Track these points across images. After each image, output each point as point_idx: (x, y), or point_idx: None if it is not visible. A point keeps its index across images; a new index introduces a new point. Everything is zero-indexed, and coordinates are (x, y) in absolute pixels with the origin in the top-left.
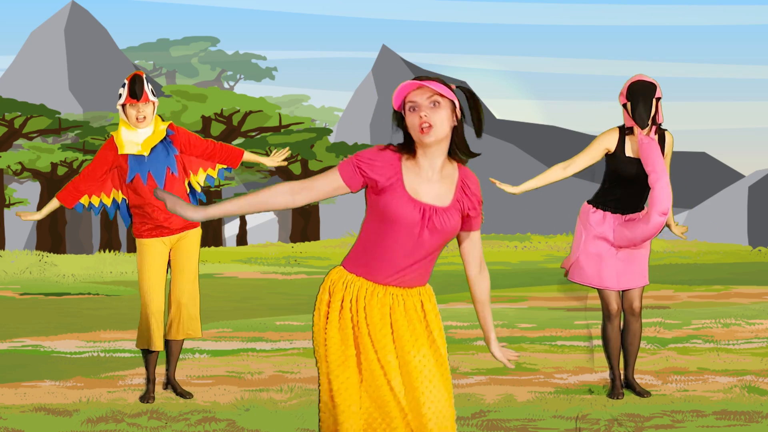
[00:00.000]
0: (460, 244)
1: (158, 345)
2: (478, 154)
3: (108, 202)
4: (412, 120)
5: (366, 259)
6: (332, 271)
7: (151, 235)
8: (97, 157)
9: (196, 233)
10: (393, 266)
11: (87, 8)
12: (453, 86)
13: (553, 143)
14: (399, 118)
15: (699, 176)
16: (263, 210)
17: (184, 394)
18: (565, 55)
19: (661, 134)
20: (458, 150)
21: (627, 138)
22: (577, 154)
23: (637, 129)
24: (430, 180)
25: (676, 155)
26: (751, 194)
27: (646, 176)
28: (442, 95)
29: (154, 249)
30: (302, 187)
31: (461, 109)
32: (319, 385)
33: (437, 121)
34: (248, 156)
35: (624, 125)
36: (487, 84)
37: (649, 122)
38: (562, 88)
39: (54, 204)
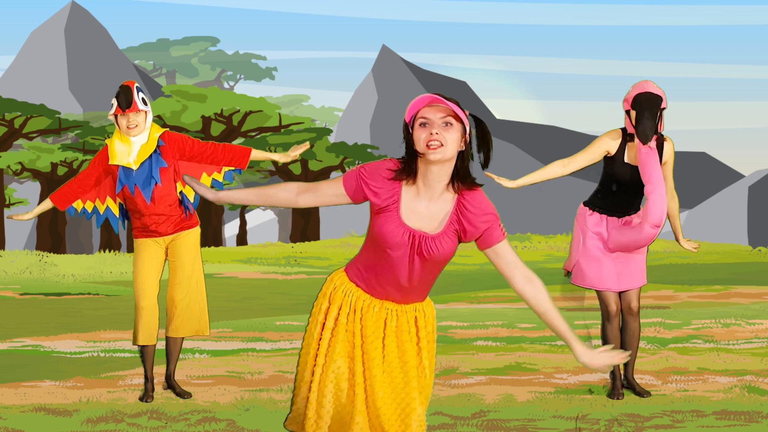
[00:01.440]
0: (494, 263)
1: (151, 339)
2: (481, 185)
3: (101, 209)
4: (420, 135)
5: (365, 275)
6: (334, 274)
7: (143, 236)
8: (92, 163)
9: (191, 233)
10: (389, 287)
11: (87, 8)
12: (467, 112)
13: (553, 143)
14: (407, 131)
15: (699, 176)
16: (268, 204)
17: (182, 394)
18: (565, 55)
19: (660, 142)
20: (460, 177)
21: (627, 146)
22: (578, 153)
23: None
24: (428, 203)
25: (676, 155)
26: (751, 194)
27: (639, 181)
28: (455, 116)
29: (147, 248)
30: (307, 188)
31: (469, 135)
32: (296, 374)
33: (447, 141)
34: (257, 154)
35: (626, 133)
36: (487, 84)
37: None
38: (562, 88)
39: (46, 204)
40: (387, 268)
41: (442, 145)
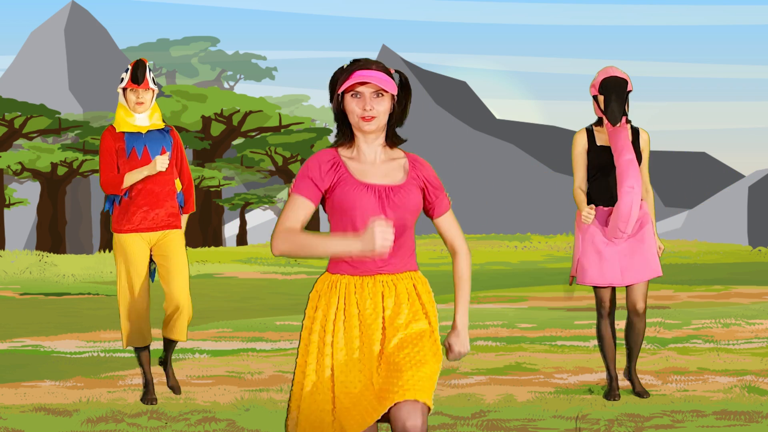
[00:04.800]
0: (439, 230)
1: (149, 340)
2: (405, 140)
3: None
4: (353, 106)
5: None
6: (317, 281)
7: (131, 230)
8: (106, 153)
9: (179, 234)
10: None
11: (87, 8)
12: (392, 70)
13: (553, 143)
14: (335, 100)
15: (699, 176)
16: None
17: (174, 388)
18: (565, 55)
19: (635, 132)
20: (389, 136)
21: (595, 131)
22: (575, 171)
23: (606, 120)
24: (374, 163)
25: (676, 155)
26: (751, 194)
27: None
28: (385, 90)
29: (135, 246)
30: (290, 227)
31: (398, 96)
32: (293, 378)
33: (380, 113)
34: (183, 219)
35: (590, 126)
36: (487, 84)
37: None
38: (562, 88)
39: (139, 173)
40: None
41: (375, 117)
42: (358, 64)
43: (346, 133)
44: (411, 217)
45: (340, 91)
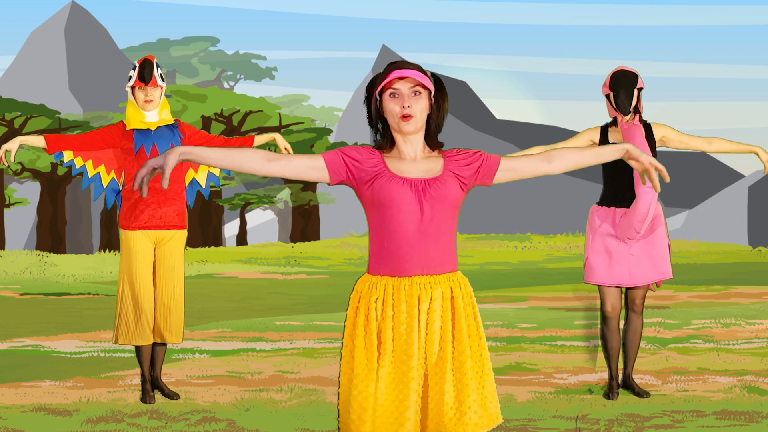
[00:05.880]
0: (515, 177)
1: (149, 339)
2: (443, 144)
3: (91, 171)
4: (392, 107)
5: (383, 254)
6: (358, 281)
7: (138, 227)
8: (101, 129)
9: (184, 234)
10: (409, 251)
11: (87, 8)
12: (428, 73)
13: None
14: (373, 104)
15: (699, 176)
16: (233, 168)
17: (171, 395)
18: (565, 55)
19: (647, 127)
20: (429, 137)
21: (609, 130)
22: (571, 139)
23: (619, 118)
24: (414, 160)
25: (675, 155)
26: (751, 194)
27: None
28: (422, 84)
29: (141, 243)
30: (279, 157)
31: (435, 97)
32: (339, 386)
33: (418, 111)
34: (259, 140)
35: (605, 124)
36: (487, 84)
37: (632, 110)
38: (562, 88)
39: (39, 141)
40: (399, 229)
41: (413, 116)
42: (395, 65)
43: (386, 137)
44: (450, 212)
45: (378, 91)
